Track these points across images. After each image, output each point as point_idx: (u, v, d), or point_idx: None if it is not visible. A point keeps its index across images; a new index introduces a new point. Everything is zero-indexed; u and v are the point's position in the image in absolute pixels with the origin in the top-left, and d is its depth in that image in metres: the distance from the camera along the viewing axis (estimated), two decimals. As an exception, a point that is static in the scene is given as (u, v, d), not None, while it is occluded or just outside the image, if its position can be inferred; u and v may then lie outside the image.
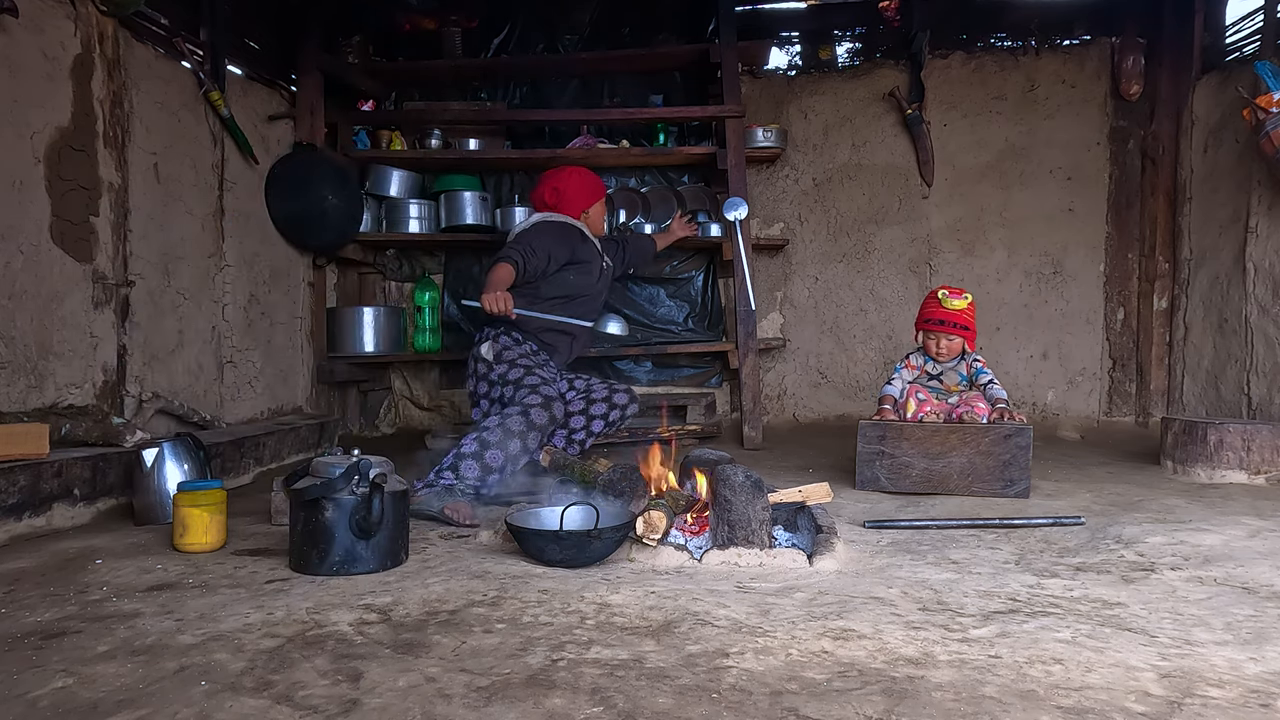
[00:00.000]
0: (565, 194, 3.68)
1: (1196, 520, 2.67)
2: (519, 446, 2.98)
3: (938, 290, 3.58)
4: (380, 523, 2.10)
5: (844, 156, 5.37)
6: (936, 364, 3.56)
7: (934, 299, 3.55)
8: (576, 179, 3.74)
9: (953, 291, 3.54)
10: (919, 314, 3.63)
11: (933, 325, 3.51)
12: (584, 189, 3.73)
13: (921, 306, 3.64)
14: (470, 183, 5.15)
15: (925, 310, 3.58)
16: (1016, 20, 5.24)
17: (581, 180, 3.75)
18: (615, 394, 3.66)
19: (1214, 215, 4.62)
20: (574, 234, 3.62)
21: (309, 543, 2.12)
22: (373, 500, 2.09)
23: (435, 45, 5.22)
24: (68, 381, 3.14)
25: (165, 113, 3.66)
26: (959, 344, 3.52)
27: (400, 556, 2.21)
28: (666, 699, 1.34)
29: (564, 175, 3.75)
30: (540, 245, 3.45)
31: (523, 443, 2.99)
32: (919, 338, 3.62)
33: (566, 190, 3.69)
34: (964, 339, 3.52)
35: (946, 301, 3.50)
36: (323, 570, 2.09)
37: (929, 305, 3.57)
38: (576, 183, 3.72)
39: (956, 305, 3.49)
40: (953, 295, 3.51)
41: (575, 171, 3.80)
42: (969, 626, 1.68)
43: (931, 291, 3.62)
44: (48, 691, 1.39)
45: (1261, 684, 1.40)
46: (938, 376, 3.57)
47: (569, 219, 3.68)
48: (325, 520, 2.10)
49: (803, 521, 2.58)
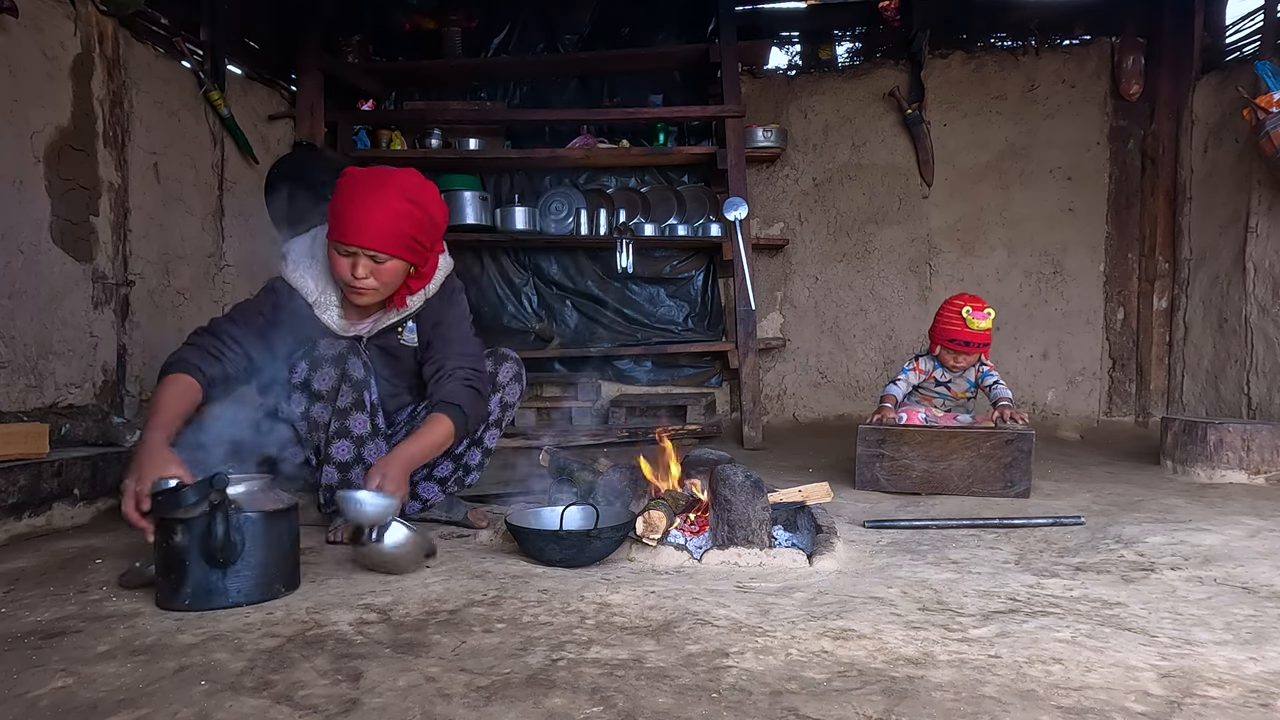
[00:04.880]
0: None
1: (1196, 520, 2.66)
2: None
3: (960, 304, 3.38)
4: (233, 550, 1.76)
5: (844, 156, 5.37)
6: (947, 372, 3.54)
7: (957, 316, 3.37)
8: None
9: (976, 308, 3.36)
10: (938, 325, 3.47)
11: (957, 345, 3.41)
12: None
13: (941, 318, 3.46)
14: (470, 182, 5.15)
15: (948, 327, 3.41)
16: (1016, 20, 5.24)
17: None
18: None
19: (1214, 215, 4.62)
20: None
21: (161, 571, 1.80)
22: (214, 523, 1.73)
23: (435, 45, 5.22)
24: (68, 381, 3.14)
25: (165, 112, 3.66)
26: (976, 357, 3.47)
27: (277, 589, 1.85)
28: (666, 699, 1.34)
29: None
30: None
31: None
32: (936, 349, 3.51)
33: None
34: (981, 352, 3.46)
35: (972, 322, 3.33)
36: (175, 604, 1.77)
37: (953, 322, 3.39)
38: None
39: (982, 326, 3.35)
40: (976, 313, 3.34)
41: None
42: (969, 626, 1.68)
43: (951, 303, 3.43)
44: (48, 691, 1.39)
45: (1261, 684, 1.40)
46: (946, 383, 3.55)
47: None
48: (175, 545, 1.75)
49: (803, 521, 2.58)
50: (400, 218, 2.25)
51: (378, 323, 2.47)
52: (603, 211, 5.16)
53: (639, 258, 5.17)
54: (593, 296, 5.44)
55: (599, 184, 5.39)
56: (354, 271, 2.27)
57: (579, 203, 5.22)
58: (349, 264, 2.28)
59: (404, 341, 2.52)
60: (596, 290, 5.43)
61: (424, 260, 2.38)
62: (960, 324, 3.36)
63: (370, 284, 2.30)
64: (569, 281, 5.45)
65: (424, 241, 2.33)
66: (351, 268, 2.27)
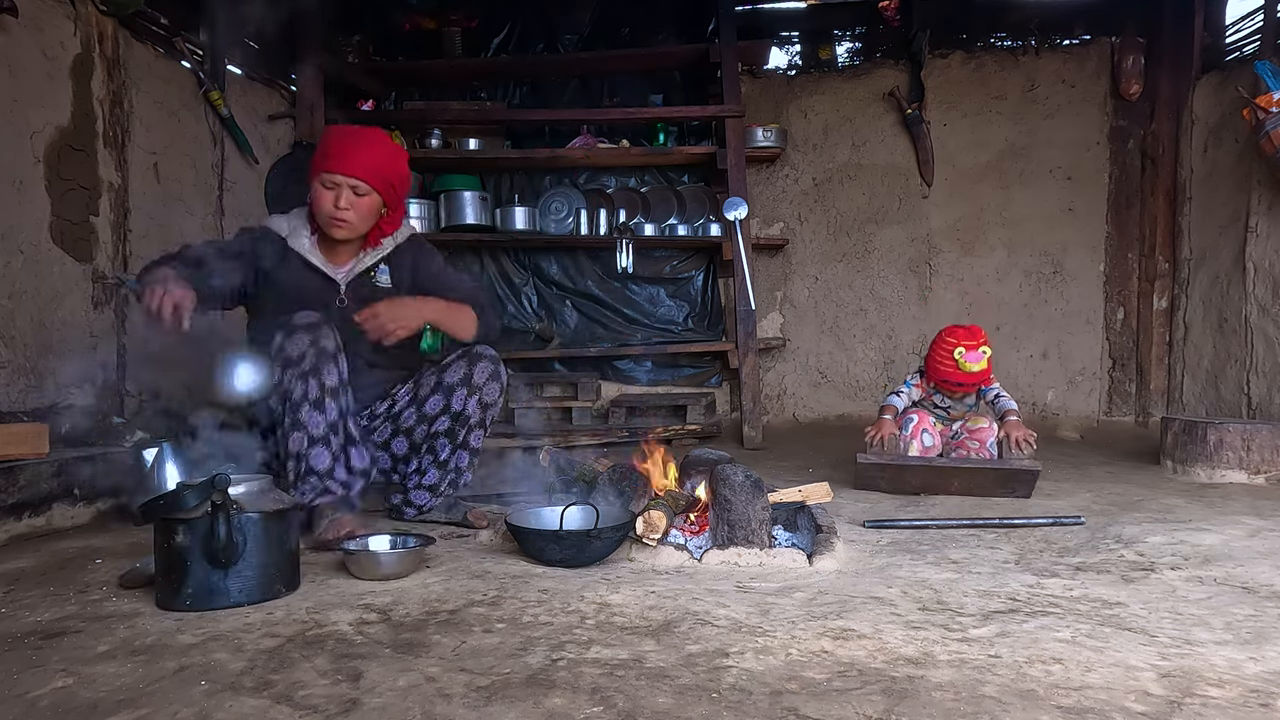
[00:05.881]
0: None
1: (1196, 520, 2.67)
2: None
3: (952, 344, 3.25)
4: (235, 550, 1.78)
5: (844, 156, 5.37)
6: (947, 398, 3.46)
7: (950, 359, 3.25)
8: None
9: (970, 348, 3.22)
10: (932, 363, 3.35)
11: (951, 386, 3.34)
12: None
13: (935, 356, 3.33)
14: (470, 182, 5.15)
15: (942, 367, 3.29)
16: (1016, 20, 5.23)
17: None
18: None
19: (1214, 215, 4.62)
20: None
21: (162, 571, 1.82)
22: (216, 524, 1.76)
23: (435, 45, 5.22)
24: (68, 381, 3.14)
25: (165, 112, 3.66)
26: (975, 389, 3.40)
27: (277, 589, 1.87)
28: (666, 699, 1.34)
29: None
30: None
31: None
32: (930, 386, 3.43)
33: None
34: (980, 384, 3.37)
35: (965, 365, 3.22)
36: (176, 604, 1.79)
37: (945, 363, 3.27)
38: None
39: (977, 369, 3.23)
40: (970, 355, 3.21)
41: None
42: (969, 626, 1.68)
43: (944, 341, 3.30)
44: (48, 691, 1.39)
45: (1261, 684, 1.40)
46: (946, 408, 3.49)
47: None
48: (176, 546, 1.78)
49: (803, 521, 2.58)
50: (382, 157, 2.52)
51: (356, 265, 2.62)
52: (603, 211, 5.16)
53: (639, 258, 5.16)
54: (593, 296, 5.44)
55: (599, 184, 5.39)
56: (336, 202, 2.47)
57: (579, 203, 5.22)
58: (332, 195, 2.48)
59: (379, 283, 2.66)
60: (596, 290, 5.43)
61: (394, 205, 2.61)
62: (953, 366, 3.26)
63: (350, 215, 2.49)
64: (569, 281, 5.45)
65: (396, 187, 2.58)
66: (335, 199, 2.47)
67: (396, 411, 2.69)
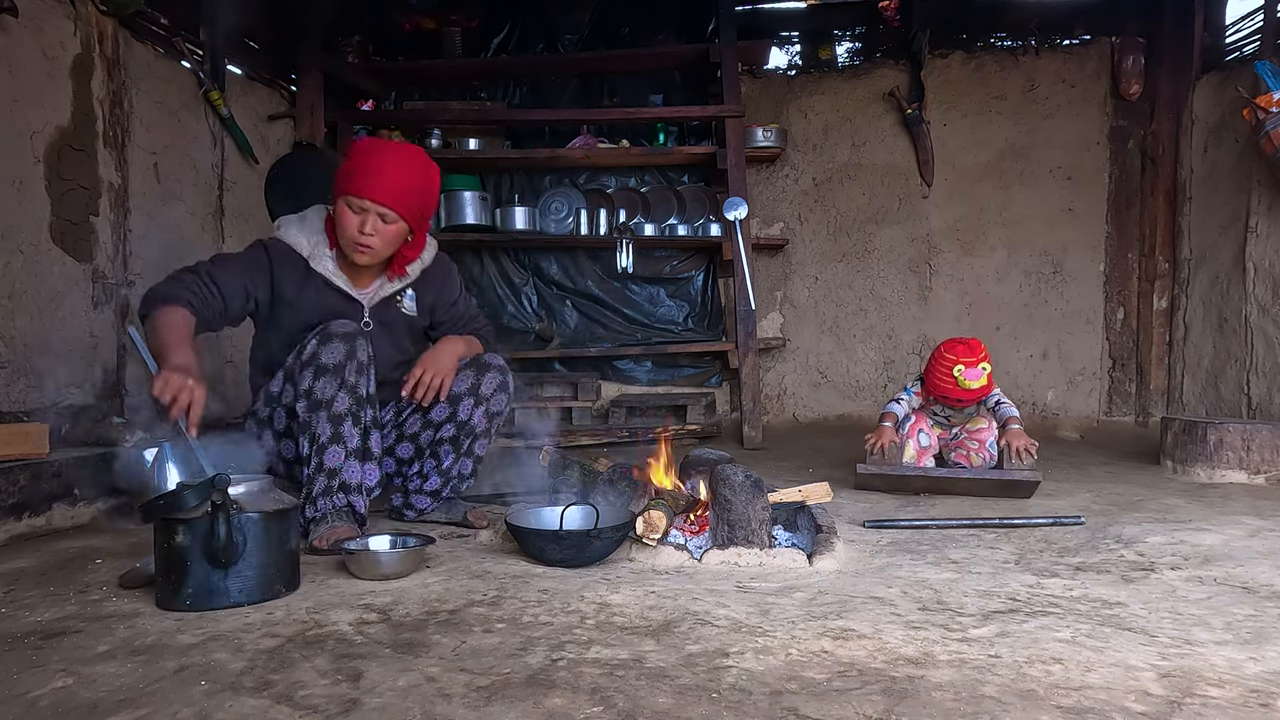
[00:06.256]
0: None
1: (1196, 520, 2.66)
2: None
3: (951, 361, 3.21)
4: (235, 550, 1.78)
5: (844, 156, 5.37)
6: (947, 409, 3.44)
7: (949, 376, 3.20)
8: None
9: (969, 364, 3.18)
10: (931, 378, 3.30)
11: (950, 402, 3.31)
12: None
13: (934, 371, 3.28)
14: (470, 182, 5.15)
15: (941, 383, 3.25)
16: (1016, 20, 5.24)
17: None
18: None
19: (1214, 215, 4.62)
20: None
21: (162, 571, 1.82)
22: (217, 524, 1.76)
23: (435, 45, 5.22)
24: (68, 381, 3.14)
25: (165, 112, 3.66)
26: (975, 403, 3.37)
27: (277, 589, 1.87)
28: (666, 699, 1.34)
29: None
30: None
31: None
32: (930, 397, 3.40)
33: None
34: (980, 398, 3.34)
35: (964, 383, 3.18)
36: (176, 604, 1.79)
37: (945, 379, 3.22)
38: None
39: (976, 385, 3.19)
40: (969, 372, 3.17)
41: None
42: (969, 626, 1.68)
43: (943, 356, 3.25)
44: (48, 691, 1.39)
45: (1261, 684, 1.40)
46: (946, 417, 3.46)
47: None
48: (176, 546, 1.78)
49: (803, 521, 2.58)
50: (416, 182, 2.39)
51: (380, 290, 2.55)
52: (603, 211, 5.16)
53: (639, 258, 5.17)
54: (593, 296, 5.44)
55: (599, 184, 5.39)
56: (362, 228, 2.34)
57: (579, 203, 5.22)
58: (358, 220, 2.35)
59: (404, 310, 2.62)
60: (596, 290, 5.43)
61: (420, 229, 2.50)
62: (952, 384, 3.22)
63: (374, 242, 2.37)
64: (569, 281, 5.45)
65: (425, 212, 2.47)
66: (360, 224, 2.34)
67: (403, 418, 2.68)
